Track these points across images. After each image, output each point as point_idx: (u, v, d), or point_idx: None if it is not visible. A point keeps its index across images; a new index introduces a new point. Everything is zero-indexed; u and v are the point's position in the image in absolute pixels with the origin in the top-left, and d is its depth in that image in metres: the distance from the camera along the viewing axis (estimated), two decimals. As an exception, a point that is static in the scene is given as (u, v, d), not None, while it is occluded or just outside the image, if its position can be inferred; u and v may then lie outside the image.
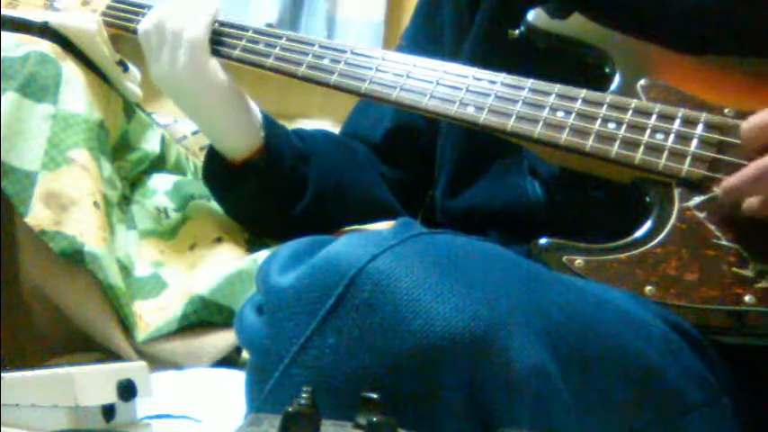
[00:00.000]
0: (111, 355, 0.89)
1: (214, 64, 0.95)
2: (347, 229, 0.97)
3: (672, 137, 0.77)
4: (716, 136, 0.76)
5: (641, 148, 0.77)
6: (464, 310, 0.53)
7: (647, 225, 0.75)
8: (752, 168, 0.70)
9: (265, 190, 0.99)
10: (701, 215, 0.73)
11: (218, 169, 1.01)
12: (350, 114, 1.13)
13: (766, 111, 0.72)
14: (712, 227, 0.73)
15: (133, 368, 0.70)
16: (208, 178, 1.04)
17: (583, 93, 0.81)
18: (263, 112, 1.01)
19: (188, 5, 0.97)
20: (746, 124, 0.72)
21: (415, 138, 1.04)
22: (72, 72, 0.96)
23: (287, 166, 0.98)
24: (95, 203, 0.90)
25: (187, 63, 0.94)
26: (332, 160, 1.03)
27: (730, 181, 0.72)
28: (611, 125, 0.78)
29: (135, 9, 1.02)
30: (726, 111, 0.77)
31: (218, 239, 1.01)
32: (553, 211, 0.87)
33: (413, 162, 1.06)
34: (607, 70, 0.84)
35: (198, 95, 0.96)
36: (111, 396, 0.66)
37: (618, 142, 0.77)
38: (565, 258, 0.73)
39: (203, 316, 0.91)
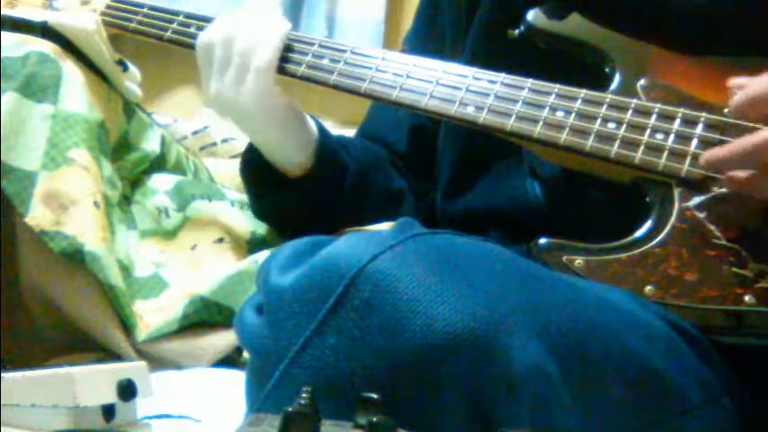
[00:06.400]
0: (111, 355, 0.89)
1: (277, 87, 0.92)
2: (347, 229, 0.97)
3: (672, 137, 0.77)
4: (716, 136, 0.76)
5: (641, 148, 0.77)
6: (464, 310, 0.53)
7: (647, 225, 0.75)
8: (736, 144, 0.69)
9: (305, 202, 0.97)
10: (701, 215, 0.73)
11: (259, 173, 0.99)
12: (367, 117, 1.11)
13: (753, 82, 0.71)
14: (712, 227, 0.73)
15: (133, 368, 0.70)
16: (246, 177, 1.01)
17: (582, 93, 0.81)
18: (318, 125, 0.98)
19: (259, 24, 0.93)
20: (737, 97, 0.70)
21: (429, 137, 1.03)
22: (72, 72, 0.96)
23: (332, 185, 0.97)
24: (95, 203, 0.90)
25: (253, 87, 0.90)
26: (365, 168, 1.00)
27: (714, 152, 0.71)
28: (611, 125, 0.78)
29: (134, 9, 1.02)
30: (726, 111, 0.77)
31: (219, 240, 1.01)
32: (553, 212, 0.87)
33: (432, 165, 1.04)
34: (607, 70, 0.84)
35: (258, 117, 0.93)
36: (111, 396, 0.66)
37: (618, 142, 0.77)
38: (565, 258, 0.73)
39: (204, 316, 0.91)
